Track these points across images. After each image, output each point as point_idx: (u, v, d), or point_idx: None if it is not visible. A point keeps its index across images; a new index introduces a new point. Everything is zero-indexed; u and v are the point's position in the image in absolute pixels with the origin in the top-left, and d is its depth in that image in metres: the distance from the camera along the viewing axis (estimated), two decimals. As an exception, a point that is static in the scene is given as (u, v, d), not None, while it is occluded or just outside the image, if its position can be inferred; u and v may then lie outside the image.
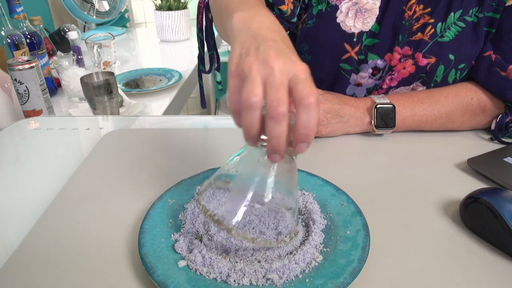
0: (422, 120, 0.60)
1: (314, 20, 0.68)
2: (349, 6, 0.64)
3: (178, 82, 1.22)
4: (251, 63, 0.34)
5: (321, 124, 0.59)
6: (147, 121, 0.75)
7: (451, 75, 0.63)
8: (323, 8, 0.67)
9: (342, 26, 0.65)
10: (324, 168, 0.53)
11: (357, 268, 0.35)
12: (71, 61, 1.18)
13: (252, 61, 0.34)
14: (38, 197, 0.49)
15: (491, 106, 0.60)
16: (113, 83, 0.89)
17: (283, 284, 0.34)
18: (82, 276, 0.37)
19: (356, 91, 0.71)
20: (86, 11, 1.65)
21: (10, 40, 1.02)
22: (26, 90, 0.82)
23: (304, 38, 0.70)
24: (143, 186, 0.50)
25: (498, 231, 0.38)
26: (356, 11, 0.64)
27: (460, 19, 0.61)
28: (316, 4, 0.68)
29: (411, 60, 0.63)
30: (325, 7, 0.67)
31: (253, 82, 0.33)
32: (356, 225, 0.40)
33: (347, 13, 0.64)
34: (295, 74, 0.33)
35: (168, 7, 1.67)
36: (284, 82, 0.33)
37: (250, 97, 0.32)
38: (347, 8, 0.65)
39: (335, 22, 0.66)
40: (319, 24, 0.68)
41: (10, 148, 0.65)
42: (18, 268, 0.38)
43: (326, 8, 0.67)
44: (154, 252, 0.37)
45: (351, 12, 0.64)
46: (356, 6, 0.64)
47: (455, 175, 0.52)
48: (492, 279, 0.36)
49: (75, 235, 0.42)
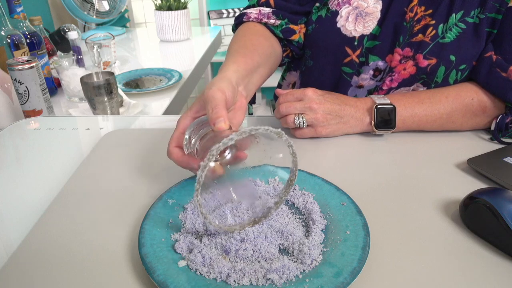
0: (422, 121, 0.60)
1: (314, 26, 0.69)
2: (349, 11, 0.64)
3: (178, 82, 1.22)
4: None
5: (321, 125, 0.59)
6: (147, 121, 0.75)
7: (451, 76, 0.63)
8: (323, 14, 0.67)
9: (343, 30, 0.66)
10: (324, 168, 0.53)
11: (357, 268, 0.35)
12: (71, 61, 1.18)
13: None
14: (38, 197, 0.49)
15: (491, 106, 0.60)
16: (113, 83, 0.89)
17: (283, 284, 0.34)
18: (82, 276, 0.37)
19: (358, 92, 0.71)
20: (86, 11, 1.65)
21: (10, 40, 1.02)
22: (26, 90, 0.82)
23: (306, 44, 0.71)
24: (143, 186, 0.50)
25: (498, 231, 0.38)
26: (356, 15, 0.64)
27: (461, 20, 0.61)
28: (316, 11, 0.68)
29: (411, 61, 0.63)
30: (325, 13, 0.67)
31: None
32: (356, 225, 0.40)
33: (347, 18, 0.65)
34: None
35: (168, 7, 1.67)
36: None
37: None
38: (347, 12, 0.65)
39: (335, 27, 0.66)
40: (319, 29, 0.69)
41: (10, 148, 0.65)
42: (18, 268, 0.38)
43: (326, 14, 0.67)
44: (154, 252, 0.37)
45: (351, 16, 0.64)
46: (356, 11, 0.64)
47: (455, 175, 0.52)
48: (492, 279, 0.36)
49: (75, 235, 0.42)
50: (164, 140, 0.63)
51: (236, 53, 0.60)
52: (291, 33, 0.72)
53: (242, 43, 0.65)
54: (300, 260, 0.37)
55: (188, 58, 1.56)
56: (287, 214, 0.43)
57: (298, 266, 0.36)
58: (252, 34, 0.70)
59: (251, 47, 0.64)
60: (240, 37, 0.69)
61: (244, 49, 0.63)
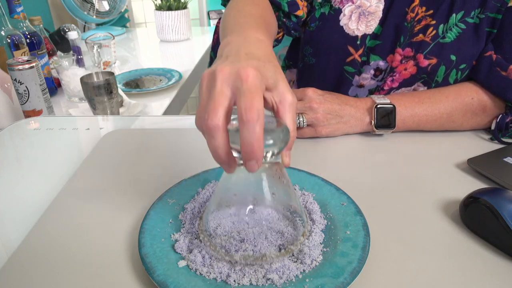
0: (422, 120, 0.60)
1: (317, 23, 0.68)
2: (352, 9, 0.64)
3: (178, 82, 1.22)
4: (204, 75, 0.34)
5: (321, 125, 0.59)
6: (147, 121, 0.75)
7: (452, 76, 0.63)
8: (326, 11, 0.67)
9: (345, 29, 0.65)
10: (324, 168, 0.53)
11: (357, 268, 0.35)
12: (71, 61, 1.18)
13: (207, 73, 0.34)
14: (38, 197, 0.49)
15: (491, 106, 0.60)
16: (113, 83, 0.89)
17: (283, 284, 0.34)
18: (82, 276, 0.37)
19: (358, 92, 0.71)
20: (86, 11, 1.65)
21: (10, 40, 1.02)
22: (26, 90, 0.82)
23: (308, 41, 0.71)
24: (143, 186, 0.50)
25: (498, 231, 0.38)
26: (359, 14, 0.64)
27: (461, 20, 0.61)
28: (319, 7, 0.68)
29: (412, 61, 0.63)
30: (328, 10, 0.66)
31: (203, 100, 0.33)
32: (356, 225, 0.40)
33: (350, 16, 0.64)
34: (235, 84, 0.32)
35: (168, 7, 1.67)
36: (222, 92, 0.32)
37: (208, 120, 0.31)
38: (350, 11, 0.64)
39: (338, 25, 0.66)
40: (321, 27, 0.68)
41: (10, 148, 0.65)
42: (18, 268, 0.38)
43: (329, 11, 0.66)
44: (154, 252, 0.37)
45: (354, 15, 0.64)
46: (359, 9, 0.64)
47: (455, 175, 0.52)
48: (492, 279, 0.36)
49: (75, 235, 0.42)
50: (164, 140, 0.63)
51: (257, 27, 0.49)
52: (296, 8, 0.66)
53: (258, 14, 0.56)
54: (300, 260, 0.37)
55: (188, 58, 1.56)
56: (288, 212, 0.43)
57: (298, 266, 0.36)
58: (264, 8, 0.61)
59: (267, 23, 0.56)
60: (250, 6, 0.59)
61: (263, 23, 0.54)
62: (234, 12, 0.56)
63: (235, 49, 0.38)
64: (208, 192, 0.46)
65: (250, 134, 0.30)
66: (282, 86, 0.35)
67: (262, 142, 0.30)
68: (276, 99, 0.35)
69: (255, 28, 0.46)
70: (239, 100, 0.31)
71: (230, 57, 0.36)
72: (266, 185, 0.36)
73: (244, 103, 0.30)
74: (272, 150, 0.33)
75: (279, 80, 0.35)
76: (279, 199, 0.38)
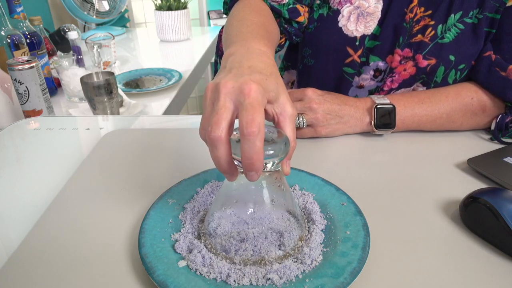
0: (422, 120, 0.60)
1: (315, 24, 0.68)
2: (350, 10, 0.64)
3: (178, 82, 1.22)
4: (208, 88, 0.35)
5: (321, 125, 0.59)
6: (147, 121, 0.75)
7: (451, 76, 0.63)
8: (325, 13, 0.67)
9: (344, 30, 0.65)
10: (324, 168, 0.53)
11: (357, 268, 0.35)
12: (71, 61, 1.18)
13: (210, 87, 0.35)
14: (38, 197, 0.49)
15: (491, 106, 0.60)
16: (113, 83, 0.89)
17: (283, 284, 0.34)
18: (82, 276, 0.37)
19: (358, 93, 0.71)
20: (86, 11, 1.65)
21: (10, 40, 1.02)
22: (26, 90, 0.82)
23: (307, 42, 0.71)
24: (143, 186, 0.50)
25: (498, 231, 0.38)
26: (358, 15, 0.64)
27: (459, 21, 0.61)
28: (317, 8, 0.68)
29: (411, 62, 0.63)
30: (327, 11, 0.66)
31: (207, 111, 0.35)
32: (356, 225, 0.40)
33: (349, 17, 0.64)
34: (238, 98, 0.33)
35: (168, 7, 1.67)
36: (225, 106, 0.33)
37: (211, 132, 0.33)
38: (348, 12, 0.64)
39: (336, 26, 0.66)
40: (320, 28, 0.68)
41: (10, 148, 0.65)
42: (18, 268, 0.38)
43: (327, 13, 0.66)
44: (154, 252, 0.37)
45: (353, 16, 0.64)
46: (358, 10, 0.64)
47: (455, 175, 0.52)
48: (492, 279, 0.36)
49: (75, 235, 0.42)
50: (164, 140, 0.63)
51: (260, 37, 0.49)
52: (297, 14, 0.67)
53: (260, 23, 0.56)
54: (300, 260, 0.37)
55: (188, 58, 1.56)
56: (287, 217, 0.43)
57: (298, 266, 0.36)
58: (265, 16, 0.62)
59: (268, 33, 0.55)
60: (252, 15, 0.59)
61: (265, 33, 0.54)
62: (236, 21, 0.57)
63: (238, 61, 0.39)
64: (208, 191, 0.46)
65: (250, 147, 0.31)
66: (283, 99, 0.37)
67: (262, 155, 0.32)
68: (277, 110, 0.37)
69: (258, 39, 0.47)
70: (241, 114, 0.32)
71: (233, 70, 0.37)
72: (266, 192, 0.38)
73: (245, 117, 0.31)
74: (272, 160, 0.35)
75: (280, 93, 0.37)
76: (278, 205, 0.39)
